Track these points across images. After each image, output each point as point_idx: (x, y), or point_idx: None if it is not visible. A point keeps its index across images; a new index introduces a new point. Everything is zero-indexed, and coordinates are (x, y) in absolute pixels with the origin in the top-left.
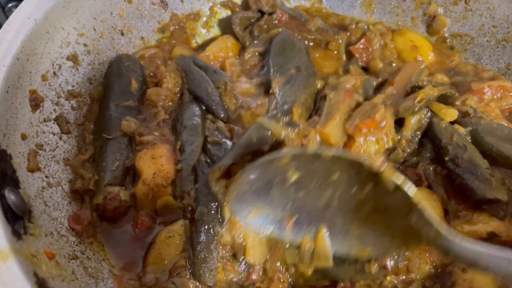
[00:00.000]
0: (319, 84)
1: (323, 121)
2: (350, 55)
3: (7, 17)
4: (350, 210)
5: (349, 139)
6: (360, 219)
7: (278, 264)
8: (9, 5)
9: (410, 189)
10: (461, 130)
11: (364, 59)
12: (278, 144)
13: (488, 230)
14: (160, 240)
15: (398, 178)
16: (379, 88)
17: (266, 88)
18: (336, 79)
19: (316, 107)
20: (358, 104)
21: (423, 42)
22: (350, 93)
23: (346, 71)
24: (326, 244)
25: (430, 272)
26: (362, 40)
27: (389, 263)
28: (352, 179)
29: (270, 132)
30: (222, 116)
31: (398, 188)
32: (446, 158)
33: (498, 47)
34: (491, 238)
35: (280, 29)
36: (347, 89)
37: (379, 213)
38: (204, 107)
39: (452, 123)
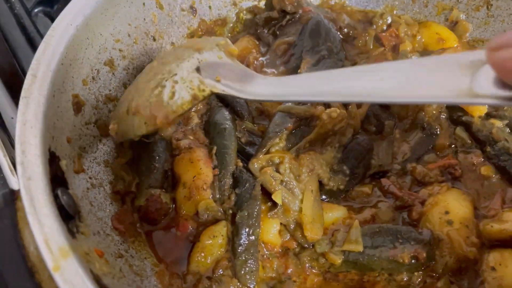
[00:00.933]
0: (346, 66)
1: None
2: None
3: (33, 22)
4: None
5: None
6: None
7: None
8: (36, 10)
9: None
10: (498, 123)
11: (393, 45)
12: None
13: None
14: (203, 240)
15: None
16: None
17: (294, 72)
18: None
19: None
20: None
21: (449, 34)
22: (378, 59)
23: None
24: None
25: (453, 267)
26: (391, 29)
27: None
28: None
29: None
30: (246, 116)
31: None
32: (489, 150)
33: None
34: None
35: (312, 15)
36: (376, 56)
37: None
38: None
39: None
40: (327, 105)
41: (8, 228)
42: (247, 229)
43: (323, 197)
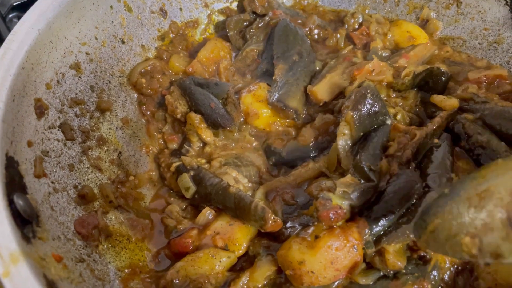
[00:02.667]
0: (318, 66)
1: (316, 82)
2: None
3: (8, 28)
4: None
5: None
6: None
7: None
8: (10, 15)
9: None
10: (470, 117)
11: (364, 44)
12: None
13: None
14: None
15: None
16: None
17: (262, 78)
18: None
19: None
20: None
21: (420, 32)
22: (348, 57)
23: None
24: None
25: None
26: (362, 28)
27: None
28: None
29: None
30: (230, 124)
31: None
32: (464, 144)
33: (489, 49)
34: None
35: (280, 18)
36: (345, 54)
37: None
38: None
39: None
40: None
41: None
42: None
43: None
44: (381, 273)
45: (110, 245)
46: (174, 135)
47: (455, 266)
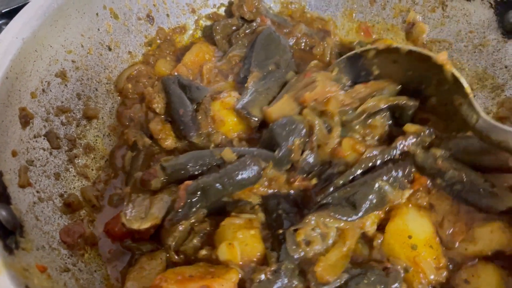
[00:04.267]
0: (289, 76)
1: (273, 102)
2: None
3: None
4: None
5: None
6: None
7: None
8: (0, 22)
9: (464, 81)
10: (439, 152)
11: None
12: None
13: (493, 248)
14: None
15: (457, 73)
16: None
17: (242, 84)
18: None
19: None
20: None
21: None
22: (308, 73)
23: None
24: None
25: None
26: None
27: None
28: (421, 74)
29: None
30: (191, 135)
31: (455, 80)
32: (440, 182)
33: (475, 52)
34: (497, 255)
35: (266, 26)
36: (307, 70)
37: (440, 107)
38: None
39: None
40: None
41: None
42: None
43: None
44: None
45: (96, 254)
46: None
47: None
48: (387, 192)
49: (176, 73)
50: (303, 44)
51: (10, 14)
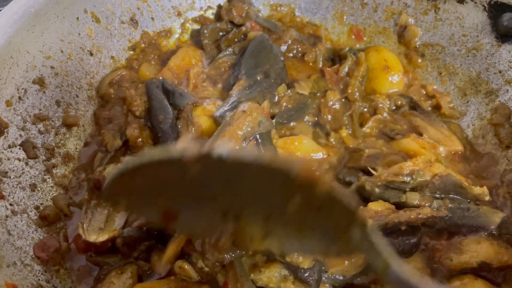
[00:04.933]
0: (281, 90)
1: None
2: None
3: None
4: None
5: None
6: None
7: None
8: None
9: (354, 203)
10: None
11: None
12: None
13: (479, 260)
14: None
15: (341, 194)
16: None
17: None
18: (302, 83)
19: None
20: None
21: (397, 65)
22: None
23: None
24: None
25: None
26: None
27: None
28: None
29: None
30: (168, 143)
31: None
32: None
33: (468, 56)
34: (483, 267)
35: (259, 32)
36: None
37: (309, 212)
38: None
39: None
40: None
41: None
42: None
43: None
44: None
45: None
46: None
47: None
48: None
49: (161, 77)
50: (294, 51)
51: None
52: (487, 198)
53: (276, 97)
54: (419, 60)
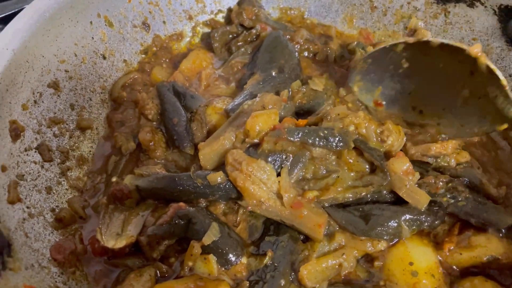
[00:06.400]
0: (296, 85)
1: (205, 143)
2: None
3: None
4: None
5: None
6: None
7: None
8: None
9: (500, 73)
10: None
11: None
12: None
13: (488, 254)
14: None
15: (492, 64)
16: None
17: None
18: (316, 79)
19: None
20: None
21: None
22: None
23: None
24: None
25: None
26: (345, 61)
27: None
28: (454, 67)
29: None
30: (184, 145)
31: (490, 73)
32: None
33: None
34: (492, 262)
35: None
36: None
37: (473, 99)
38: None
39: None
40: None
41: None
42: None
43: None
44: None
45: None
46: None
47: None
48: (403, 231)
49: (173, 80)
50: (306, 52)
51: (6, 20)
52: (501, 201)
53: (290, 92)
54: None
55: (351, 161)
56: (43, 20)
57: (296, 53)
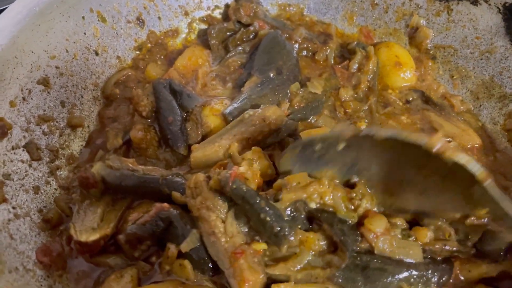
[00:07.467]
0: (295, 88)
1: (199, 146)
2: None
3: None
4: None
5: None
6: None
7: None
8: None
9: (476, 168)
10: None
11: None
12: None
13: (499, 270)
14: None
15: (463, 159)
16: None
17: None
18: (314, 81)
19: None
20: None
21: (408, 60)
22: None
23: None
24: None
25: None
26: (345, 61)
27: None
28: (407, 157)
29: None
30: (178, 146)
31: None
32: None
33: (481, 59)
34: (502, 276)
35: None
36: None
37: (436, 179)
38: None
39: None
40: None
41: None
42: None
43: None
44: None
45: None
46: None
47: None
48: None
49: (168, 78)
50: (305, 51)
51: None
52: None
53: (289, 95)
54: (430, 63)
55: (311, 237)
56: (33, 14)
57: (295, 53)
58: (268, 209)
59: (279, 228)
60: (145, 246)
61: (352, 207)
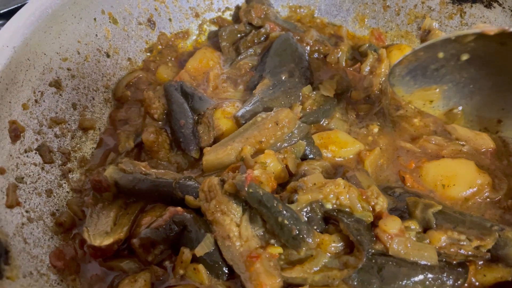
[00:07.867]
0: (307, 91)
1: (212, 148)
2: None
3: None
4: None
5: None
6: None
7: None
8: None
9: None
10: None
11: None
12: None
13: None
14: None
15: None
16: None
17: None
18: (326, 84)
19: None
20: None
21: None
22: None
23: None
24: None
25: None
26: (357, 64)
27: None
28: None
29: None
30: (190, 149)
31: None
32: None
33: None
34: None
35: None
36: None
37: None
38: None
39: None
40: None
41: None
42: None
43: None
44: None
45: None
46: None
47: None
48: None
49: (179, 80)
50: (316, 54)
51: (9, 15)
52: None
53: (301, 97)
54: None
55: (327, 239)
56: (45, 16)
57: (306, 56)
58: (285, 212)
59: (297, 231)
60: (159, 250)
61: (370, 208)
